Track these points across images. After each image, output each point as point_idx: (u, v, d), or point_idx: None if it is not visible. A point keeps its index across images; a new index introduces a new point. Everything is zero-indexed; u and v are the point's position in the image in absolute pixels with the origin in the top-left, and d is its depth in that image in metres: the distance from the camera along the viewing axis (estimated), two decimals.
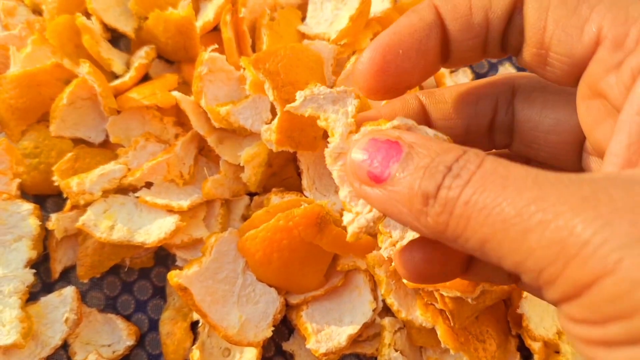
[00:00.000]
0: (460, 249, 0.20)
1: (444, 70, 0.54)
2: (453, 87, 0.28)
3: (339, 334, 0.43)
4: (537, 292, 0.27)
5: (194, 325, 0.46)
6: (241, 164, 0.45)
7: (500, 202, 0.18)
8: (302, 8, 0.52)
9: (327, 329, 0.43)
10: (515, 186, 0.18)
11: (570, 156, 0.26)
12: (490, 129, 0.28)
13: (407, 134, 0.22)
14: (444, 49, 0.25)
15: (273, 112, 0.46)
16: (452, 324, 0.42)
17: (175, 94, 0.45)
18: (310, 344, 0.42)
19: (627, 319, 0.15)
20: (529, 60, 0.24)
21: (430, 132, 0.24)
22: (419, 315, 0.43)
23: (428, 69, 0.25)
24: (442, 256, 0.27)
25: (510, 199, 0.17)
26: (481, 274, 0.29)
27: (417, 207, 0.20)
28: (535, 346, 0.44)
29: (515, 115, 0.27)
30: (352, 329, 0.43)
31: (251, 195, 0.49)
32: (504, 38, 0.24)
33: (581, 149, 0.26)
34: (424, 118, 0.27)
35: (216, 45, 0.46)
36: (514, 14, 0.23)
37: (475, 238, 0.18)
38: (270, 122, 0.46)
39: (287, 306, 0.45)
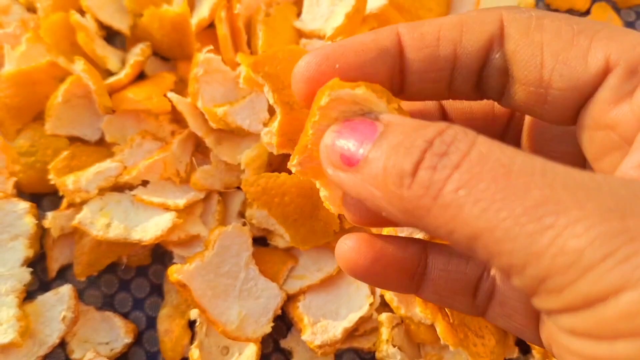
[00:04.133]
0: (438, 237, 0.18)
1: None
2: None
3: (335, 327, 0.43)
4: (506, 322, 0.24)
5: (191, 323, 0.46)
6: (242, 167, 0.45)
7: (503, 196, 0.16)
8: (298, 4, 0.52)
9: (323, 321, 0.43)
10: (521, 181, 0.16)
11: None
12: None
13: (385, 114, 0.20)
14: (399, 79, 0.23)
15: (270, 112, 0.46)
16: (451, 320, 0.42)
17: (171, 95, 0.45)
18: (306, 336, 0.43)
19: None
20: (523, 100, 0.22)
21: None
22: (418, 312, 0.43)
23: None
24: None
25: (516, 195, 0.16)
26: (438, 291, 0.25)
27: (390, 187, 0.18)
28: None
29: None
30: (348, 322, 0.43)
31: None
32: (481, 79, 0.22)
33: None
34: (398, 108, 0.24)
35: (211, 47, 0.46)
36: (491, 53, 0.22)
37: (465, 231, 0.16)
38: (267, 122, 0.46)
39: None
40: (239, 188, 0.47)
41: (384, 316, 0.44)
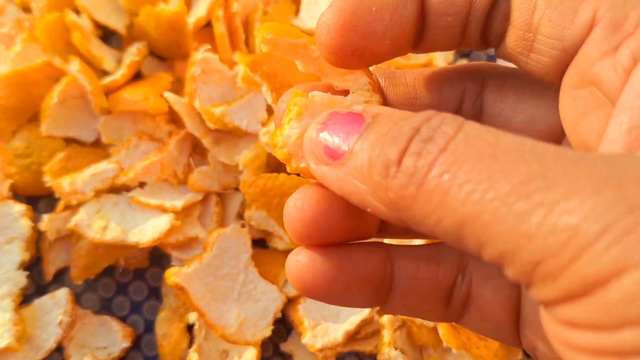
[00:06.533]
0: (428, 232, 0.16)
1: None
2: (416, 70, 0.25)
3: (336, 330, 0.43)
4: (484, 327, 0.23)
5: (190, 327, 0.45)
6: (240, 168, 0.45)
7: (489, 175, 0.14)
8: (296, 2, 0.51)
9: (323, 324, 0.43)
10: (508, 158, 0.15)
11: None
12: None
13: (374, 106, 0.19)
14: (420, 23, 0.22)
15: (269, 112, 0.46)
16: (453, 323, 0.41)
17: (168, 96, 0.45)
18: (306, 339, 0.42)
19: None
20: (512, 45, 0.21)
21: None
22: None
23: (399, 41, 0.21)
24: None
25: (503, 172, 0.14)
26: (407, 302, 0.23)
27: (375, 179, 0.17)
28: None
29: (485, 108, 0.24)
30: (349, 325, 0.43)
31: None
32: (487, 24, 0.22)
33: None
34: (381, 102, 0.24)
35: (209, 46, 0.46)
36: None
37: (452, 219, 0.15)
38: (266, 122, 0.45)
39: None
40: (237, 189, 0.47)
41: (385, 319, 0.43)
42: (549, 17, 0.20)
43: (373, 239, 0.23)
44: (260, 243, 0.47)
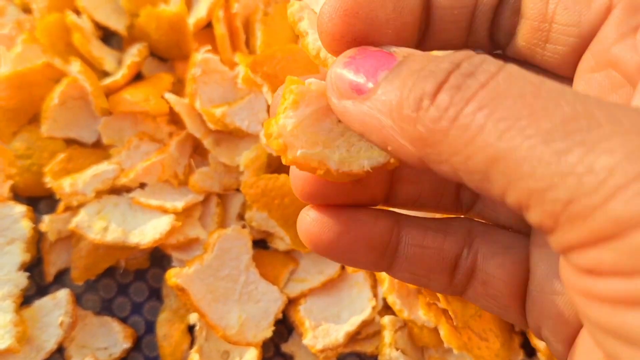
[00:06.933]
0: (450, 172, 0.16)
1: None
2: None
3: (337, 331, 0.43)
4: (486, 301, 0.23)
5: (191, 328, 0.45)
6: (241, 169, 0.45)
7: (530, 112, 0.14)
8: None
9: (324, 325, 0.43)
10: (551, 97, 0.14)
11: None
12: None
13: (404, 48, 0.19)
14: (425, 15, 0.21)
15: (269, 113, 0.46)
16: (455, 323, 0.41)
17: (169, 97, 0.45)
18: (307, 340, 0.42)
19: None
20: (527, 38, 0.21)
21: None
22: (421, 315, 0.42)
23: (403, 31, 0.21)
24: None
25: (545, 111, 0.14)
26: (412, 269, 0.23)
27: (405, 112, 0.16)
28: (540, 345, 0.43)
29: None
30: (350, 326, 0.43)
31: None
32: (494, 21, 0.22)
33: None
34: None
35: (209, 47, 0.45)
36: None
37: (483, 154, 0.15)
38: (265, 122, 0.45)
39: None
40: (238, 190, 0.47)
41: (386, 319, 0.43)
42: (564, 5, 0.20)
43: (380, 207, 0.24)
44: (261, 244, 0.47)
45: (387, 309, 0.44)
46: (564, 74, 0.21)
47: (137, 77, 0.49)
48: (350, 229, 0.22)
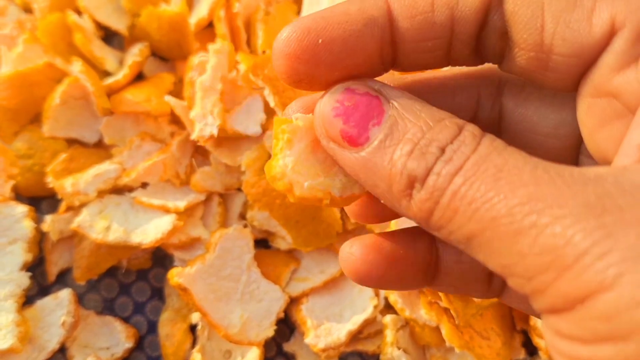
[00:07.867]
0: (445, 240, 0.18)
1: None
2: (421, 75, 0.23)
3: (339, 330, 0.43)
4: (521, 303, 0.24)
5: (193, 327, 0.45)
6: (242, 169, 0.45)
7: (491, 197, 0.16)
8: (298, 2, 0.51)
9: (326, 324, 0.43)
10: (509, 180, 0.16)
11: (567, 162, 0.23)
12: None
13: (389, 89, 0.19)
14: (390, 51, 0.21)
15: (267, 113, 0.46)
16: (456, 322, 0.41)
17: (169, 99, 0.44)
18: (309, 339, 0.42)
19: (622, 341, 0.14)
20: (524, 65, 0.20)
21: None
22: (423, 314, 0.42)
23: (362, 69, 0.20)
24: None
25: (502, 194, 0.16)
26: (452, 282, 0.25)
27: (399, 188, 0.18)
28: (542, 344, 0.43)
29: (505, 114, 0.23)
30: (352, 325, 0.43)
31: None
32: (479, 43, 0.21)
33: (579, 153, 0.23)
34: None
35: (206, 53, 0.45)
36: (490, 14, 0.20)
37: (460, 232, 0.17)
38: (265, 124, 0.45)
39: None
40: (239, 190, 0.47)
41: (388, 318, 0.43)
42: (561, 37, 0.19)
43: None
44: (262, 243, 0.47)
45: (388, 308, 0.44)
46: (565, 91, 0.21)
47: (139, 77, 0.49)
48: (394, 261, 0.23)
